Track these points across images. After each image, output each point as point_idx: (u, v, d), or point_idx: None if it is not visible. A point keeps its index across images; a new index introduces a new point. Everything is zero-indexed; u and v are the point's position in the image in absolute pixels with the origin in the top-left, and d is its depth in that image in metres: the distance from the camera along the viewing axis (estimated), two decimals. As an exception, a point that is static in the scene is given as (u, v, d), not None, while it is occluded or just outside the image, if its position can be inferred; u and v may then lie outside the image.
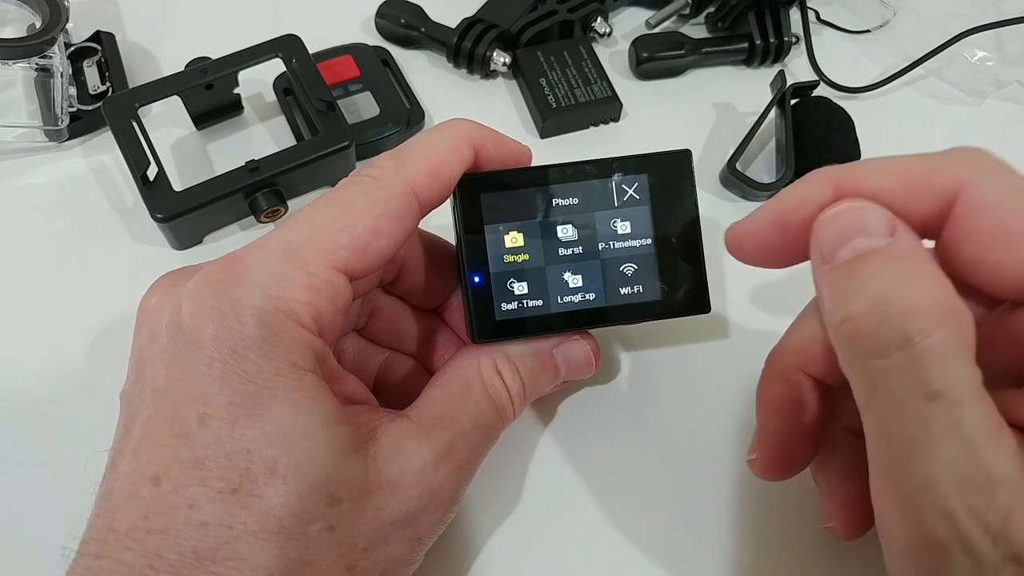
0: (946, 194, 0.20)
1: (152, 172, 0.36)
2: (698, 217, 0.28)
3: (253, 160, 0.37)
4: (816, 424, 0.26)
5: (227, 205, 0.37)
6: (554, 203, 0.28)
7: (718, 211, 0.41)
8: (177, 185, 0.36)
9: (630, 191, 0.28)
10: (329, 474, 0.22)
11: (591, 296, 0.28)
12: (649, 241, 0.28)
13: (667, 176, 0.28)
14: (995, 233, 0.20)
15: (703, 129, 0.44)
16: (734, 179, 0.40)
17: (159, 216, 0.35)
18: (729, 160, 0.41)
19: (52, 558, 0.22)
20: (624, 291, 0.28)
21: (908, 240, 0.20)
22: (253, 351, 0.22)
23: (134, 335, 0.25)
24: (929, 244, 0.22)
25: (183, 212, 0.35)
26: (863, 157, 0.41)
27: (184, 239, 0.38)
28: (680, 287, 0.28)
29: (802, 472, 0.29)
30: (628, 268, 0.28)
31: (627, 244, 0.28)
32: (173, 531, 0.21)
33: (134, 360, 0.24)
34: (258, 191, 0.37)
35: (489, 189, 0.27)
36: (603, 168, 0.28)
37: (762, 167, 0.43)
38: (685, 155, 0.28)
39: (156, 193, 0.36)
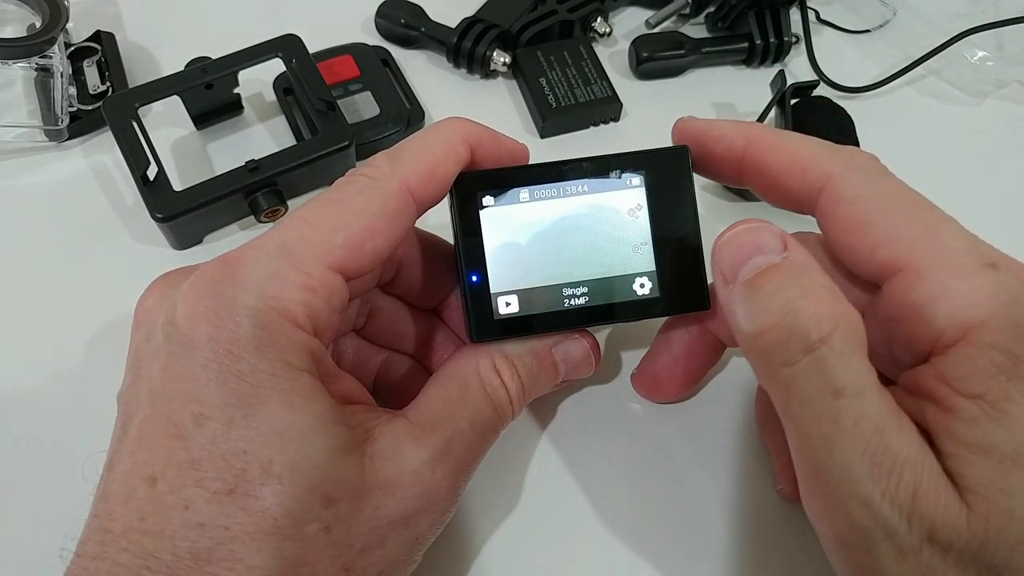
0: (816, 184, 0.25)
1: (152, 172, 0.36)
2: (697, 213, 0.28)
3: (253, 160, 0.37)
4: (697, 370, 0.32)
5: (227, 205, 0.37)
6: None
7: (718, 211, 0.41)
8: (177, 185, 0.36)
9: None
10: (325, 474, 0.22)
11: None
12: (647, 238, 0.28)
13: (665, 173, 0.28)
14: (849, 222, 0.24)
15: (703, 129, 0.44)
16: (734, 179, 0.40)
17: (159, 216, 0.35)
18: (729, 160, 0.41)
19: (50, 559, 0.22)
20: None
21: (799, 253, 0.22)
22: (248, 351, 0.21)
23: (131, 336, 0.25)
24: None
25: (183, 212, 0.35)
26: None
27: (184, 239, 0.38)
28: (679, 284, 0.28)
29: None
30: None
31: None
32: (169, 532, 0.21)
33: (131, 361, 0.24)
34: (258, 191, 0.37)
35: (486, 187, 0.27)
36: (600, 165, 0.28)
37: (762, 167, 0.43)
38: (683, 151, 0.28)
39: (156, 193, 0.36)
